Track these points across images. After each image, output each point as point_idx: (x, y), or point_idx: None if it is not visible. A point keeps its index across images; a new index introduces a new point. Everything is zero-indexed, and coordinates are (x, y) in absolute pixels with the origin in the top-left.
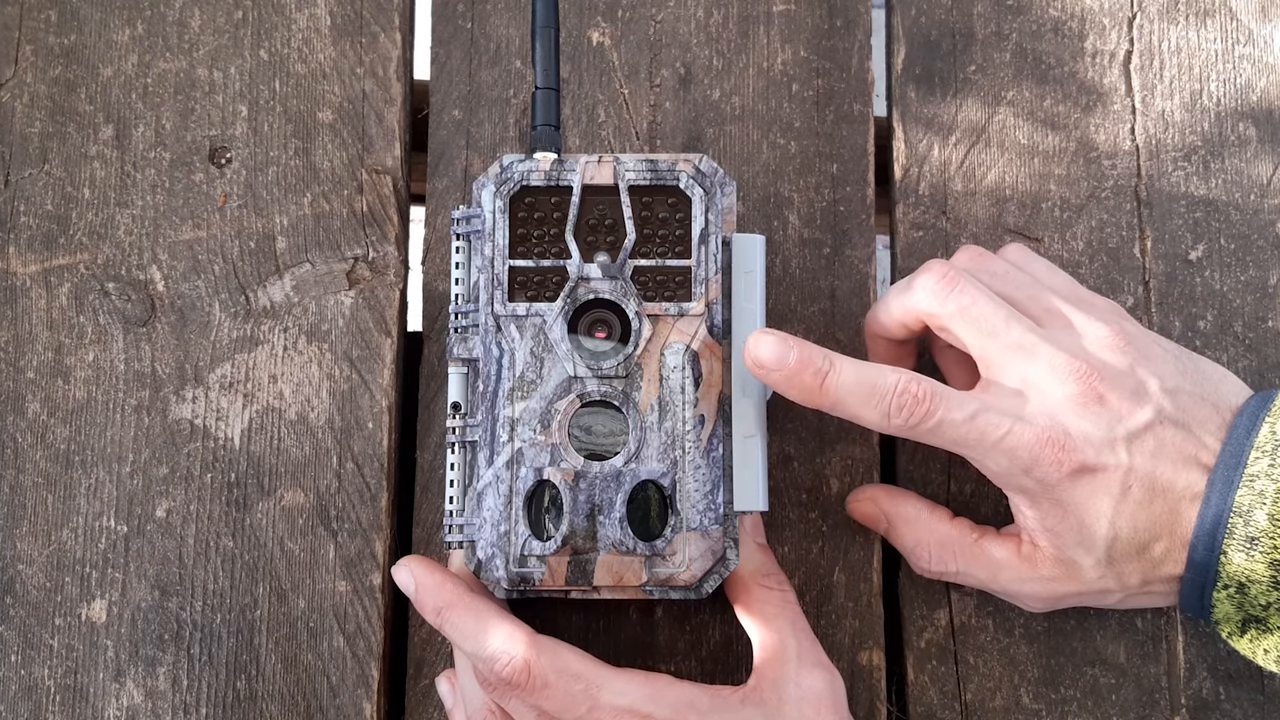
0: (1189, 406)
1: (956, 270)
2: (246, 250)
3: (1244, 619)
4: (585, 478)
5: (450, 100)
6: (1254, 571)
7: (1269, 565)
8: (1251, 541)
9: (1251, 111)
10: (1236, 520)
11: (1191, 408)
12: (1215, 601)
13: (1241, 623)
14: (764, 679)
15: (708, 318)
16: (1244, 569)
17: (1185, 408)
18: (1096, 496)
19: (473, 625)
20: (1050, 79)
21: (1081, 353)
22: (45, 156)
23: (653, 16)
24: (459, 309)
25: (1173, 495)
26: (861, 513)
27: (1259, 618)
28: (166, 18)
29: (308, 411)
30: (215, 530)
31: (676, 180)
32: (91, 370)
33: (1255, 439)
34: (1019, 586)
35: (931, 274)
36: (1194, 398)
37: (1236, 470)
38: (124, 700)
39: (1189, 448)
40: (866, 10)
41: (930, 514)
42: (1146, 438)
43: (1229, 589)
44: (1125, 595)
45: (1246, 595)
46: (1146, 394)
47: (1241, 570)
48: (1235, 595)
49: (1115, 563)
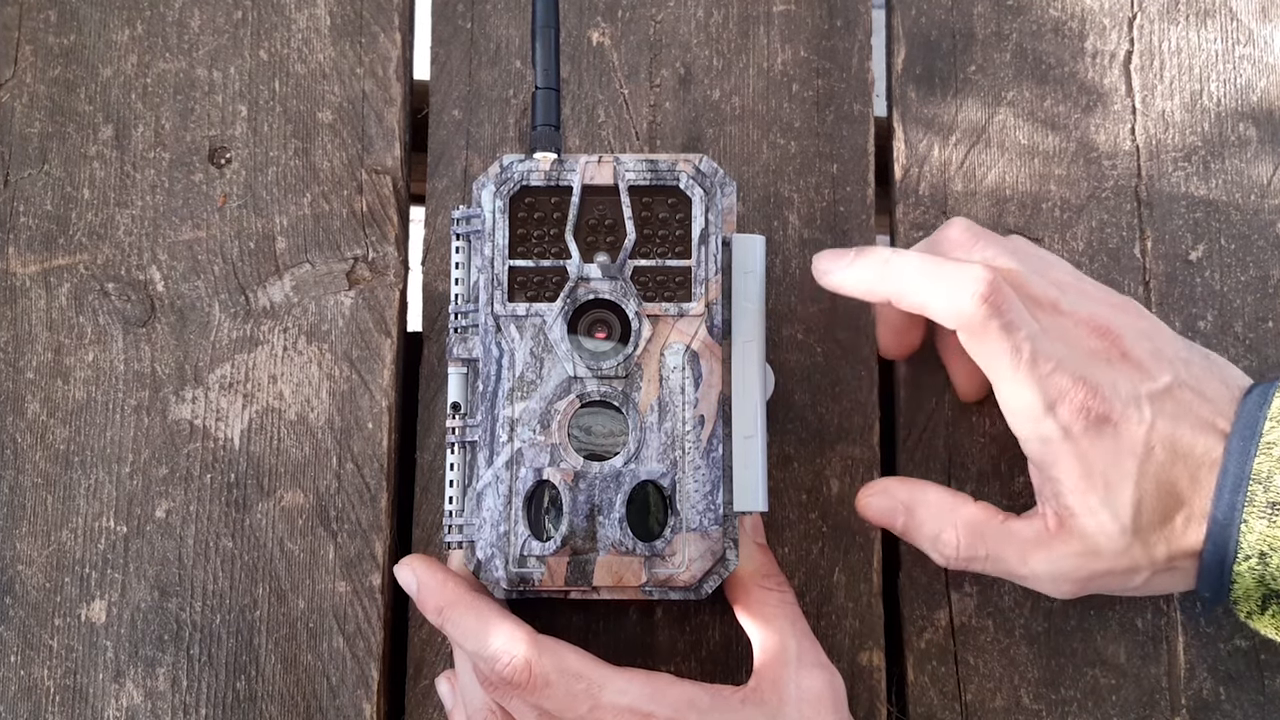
0: (1202, 377)
1: (999, 282)
2: (246, 250)
3: (1264, 595)
4: (585, 478)
5: (450, 100)
6: (1276, 539)
7: None
8: (1273, 507)
9: (1252, 112)
10: (1256, 487)
11: (1204, 378)
12: (1235, 576)
13: (1262, 599)
14: (764, 679)
15: (708, 318)
16: (1266, 536)
17: (1199, 377)
18: (1121, 456)
19: (474, 624)
20: (1050, 79)
21: (1103, 315)
22: (45, 157)
23: (653, 16)
24: (459, 309)
25: (1193, 460)
26: (876, 508)
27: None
28: (166, 18)
29: (307, 412)
30: (215, 531)
31: (676, 180)
32: (91, 370)
33: (1268, 410)
34: (1050, 566)
35: (977, 283)
36: (1206, 370)
37: (1252, 439)
38: (124, 701)
39: (1206, 413)
40: (866, 10)
41: (953, 498)
42: (1167, 399)
43: (1250, 560)
44: (1152, 573)
45: (1268, 566)
46: (1165, 358)
47: (1263, 538)
48: (1256, 567)
49: (1141, 531)
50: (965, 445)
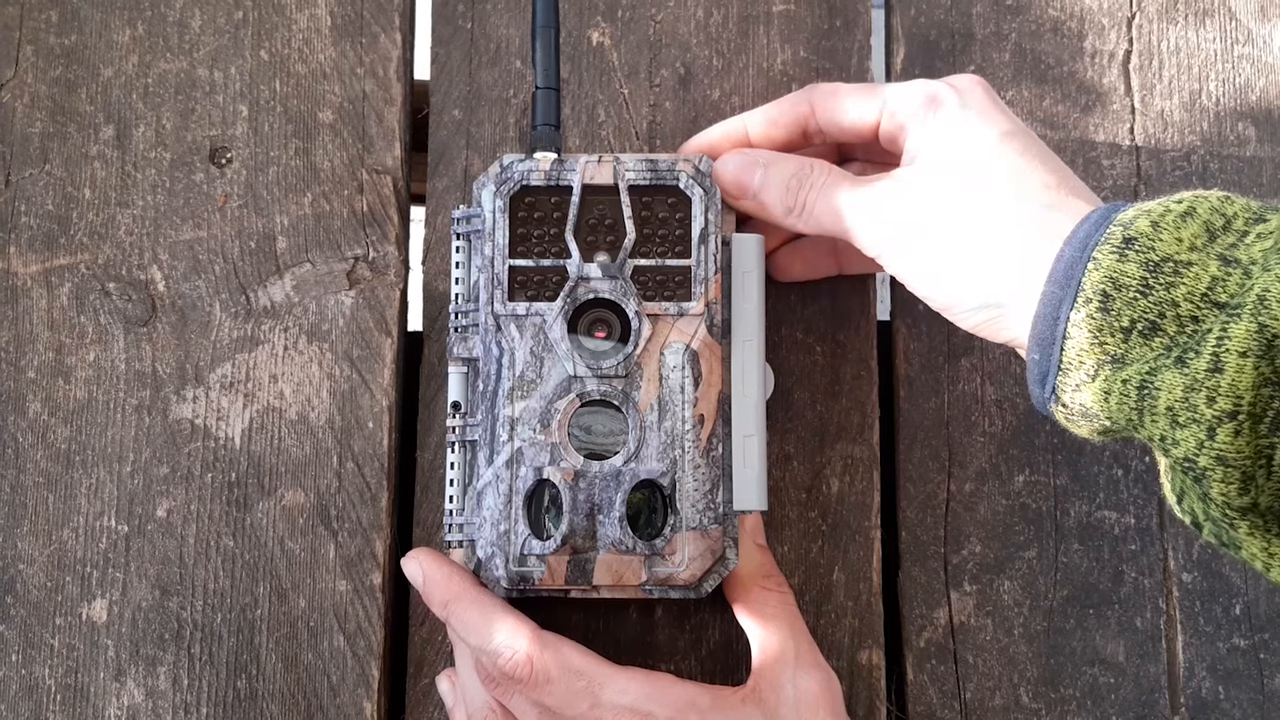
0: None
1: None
2: (247, 250)
3: (1098, 359)
4: (585, 477)
5: (450, 100)
6: (1123, 273)
7: (1141, 266)
8: (1127, 243)
9: (1251, 111)
10: (1115, 229)
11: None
12: (1070, 328)
13: (1095, 365)
14: (763, 679)
15: (707, 317)
16: (1113, 271)
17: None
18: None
19: (478, 619)
20: (1049, 79)
21: None
22: (46, 156)
23: (653, 16)
24: (459, 309)
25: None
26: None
27: (1115, 355)
28: (167, 18)
29: (308, 411)
30: (216, 530)
31: (676, 180)
32: (92, 370)
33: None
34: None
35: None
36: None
37: (1118, 208)
38: (124, 700)
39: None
40: (866, 10)
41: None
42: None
43: (1090, 304)
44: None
45: (1109, 313)
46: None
47: (1108, 276)
48: (1095, 315)
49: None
50: (965, 445)
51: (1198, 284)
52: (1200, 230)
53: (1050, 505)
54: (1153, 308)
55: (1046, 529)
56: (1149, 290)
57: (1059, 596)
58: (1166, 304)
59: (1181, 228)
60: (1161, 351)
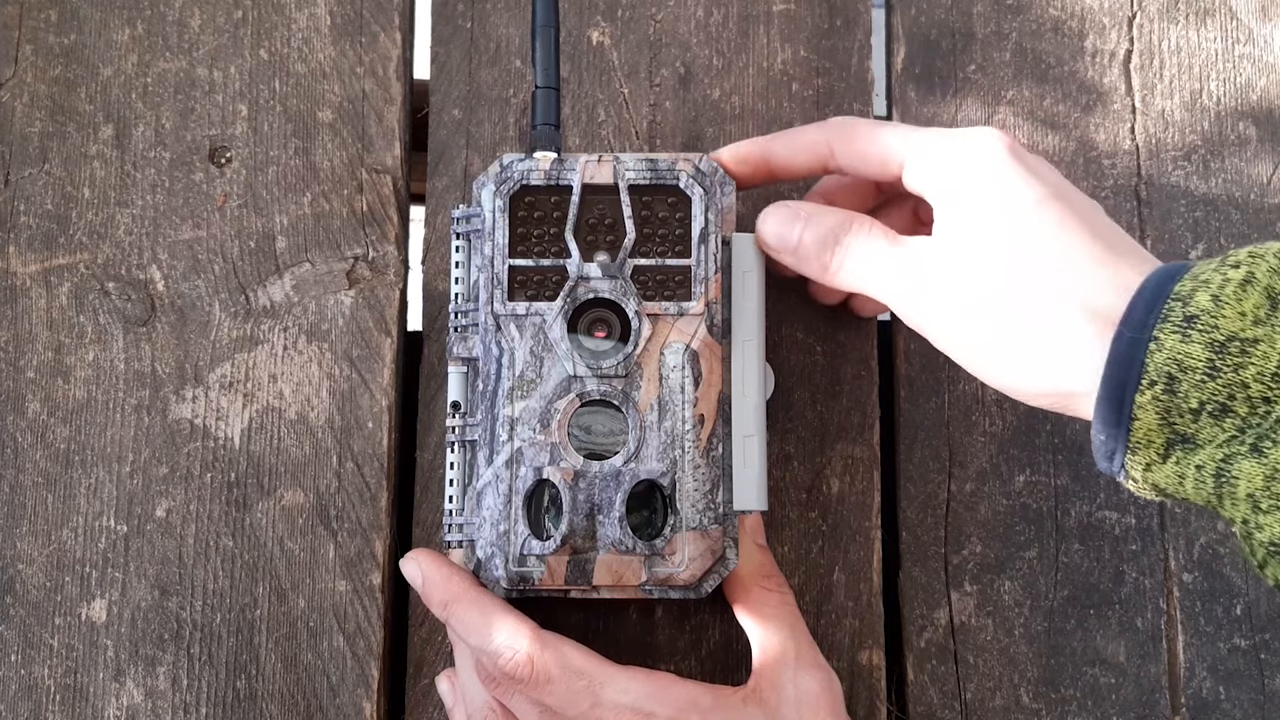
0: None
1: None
2: (246, 250)
3: (1168, 439)
4: (585, 477)
5: (450, 100)
6: (1188, 355)
7: (1206, 347)
8: (1189, 321)
9: (1251, 111)
10: (1174, 304)
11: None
12: (1137, 410)
13: (1165, 445)
14: (763, 680)
15: (707, 317)
16: (1177, 353)
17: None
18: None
19: (478, 619)
20: (1050, 78)
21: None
22: (45, 156)
23: (652, 16)
24: (459, 308)
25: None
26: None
27: (1185, 434)
28: (166, 17)
29: (308, 411)
30: (215, 530)
31: (676, 180)
32: (91, 370)
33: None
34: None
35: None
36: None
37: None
38: (124, 700)
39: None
40: (866, 10)
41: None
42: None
43: (1155, 386)
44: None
45: (1175, 395)
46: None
47: (1172, 357)
48: (1162, 397)
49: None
50: (965, 445)
51: (1266, 363)
52: (1262, 299)
53: (1051, 505)
54: (1221, 390)
55: (1047, 529)
56: (1216, 373)
57: (1059, 597)
58: (1236, 386)
59: (1243, 299)
60: (1234, 433)
